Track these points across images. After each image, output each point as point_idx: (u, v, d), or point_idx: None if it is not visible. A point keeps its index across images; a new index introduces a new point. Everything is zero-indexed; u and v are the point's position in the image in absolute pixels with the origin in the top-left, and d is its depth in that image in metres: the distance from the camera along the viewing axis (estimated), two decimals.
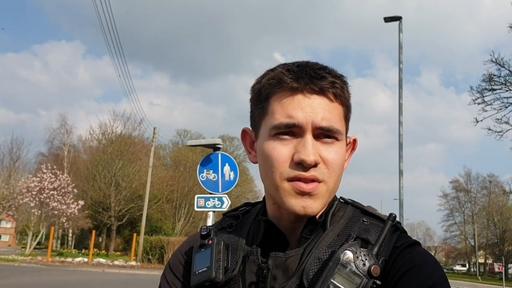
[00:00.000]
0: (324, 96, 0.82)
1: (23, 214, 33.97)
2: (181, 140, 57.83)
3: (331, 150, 0.82)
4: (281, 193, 0.81)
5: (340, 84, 0.84)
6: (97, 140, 45.49)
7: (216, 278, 0.81)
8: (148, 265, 28.46)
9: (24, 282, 16.65)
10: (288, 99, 0.81)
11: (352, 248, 0.74)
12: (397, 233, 0.81)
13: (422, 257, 0.77)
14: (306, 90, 0.81)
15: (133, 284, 19.11)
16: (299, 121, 0.79)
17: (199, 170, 7.94)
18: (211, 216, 7.73)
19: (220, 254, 0.83)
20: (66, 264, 27.10)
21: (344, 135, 0.86)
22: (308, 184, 0.80)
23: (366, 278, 0.71)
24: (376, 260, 0.73)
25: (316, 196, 0.81)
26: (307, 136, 0.80)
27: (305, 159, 0.78)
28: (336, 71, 0.87)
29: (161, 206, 42.94)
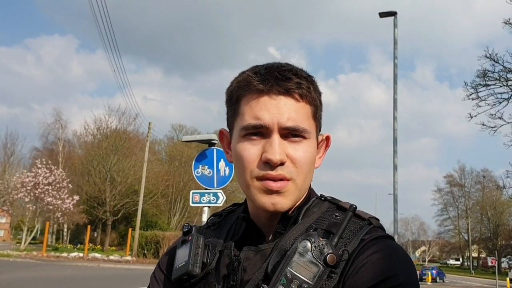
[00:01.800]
0: (290, 97, 0.85)
1: (18, 209, 33.87)
2: (176, 135, 57.73)
3: (298, 149, 0.85)
4: (252, 191, 0.85)
5: (306, 85, 0.87)
6: (92, 135, 45.40)
7: (193, 271, 0.85)
8: (144, 260, 28.51)
9: (19, 277, 16.63)
10: (255, 101, 0.85)
11: (310, 238, 0.75)
12: (369, 227, 0.81)
13: (386, 250, 0.77)
14: (272, 91, 0.84)
15: (128, 278, 19.14)
16: (265, 122, 0.83)
17: (194, 166, 7.94)
18: (206, 212, 7.74)
19: (199, 249, 0.88)
20: (62, 259, 27.08)
21: (314, 133, 0.88)
22: (276, 183, 0.83)
23: (322, 267, 0.72)
24: (333, 250, 0.74)
25: (284, 194, 0.84)
26: (274, 136, 0.83)
27: (271, 159, 0.82)
28: (304, 72, 0.89)
29: (156, 201, 42.93)
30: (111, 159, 40.10)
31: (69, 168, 40.25)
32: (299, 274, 0.72)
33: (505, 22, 18.25)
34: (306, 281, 0.72)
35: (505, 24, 18.28)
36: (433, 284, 37.42)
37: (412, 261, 0.79)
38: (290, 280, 0.72)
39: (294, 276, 0.72)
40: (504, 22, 18.26)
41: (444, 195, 75.10)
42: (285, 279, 0.73)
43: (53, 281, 16.37)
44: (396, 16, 16.22)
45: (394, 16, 16.24)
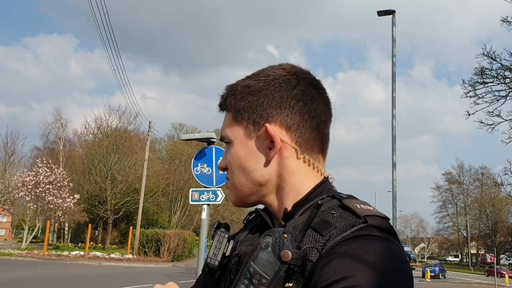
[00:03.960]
0: (222, 110, 0.98)
1: (19, 208, 33.94)
2: (176, 134, 57.78)
3: (228, 152, 0.95)
4: None
5: (225, 95, 0.96)
6: (92, 134, 45.46)
7: (210, 264, 0.90)
8: (145, 258, 28.61)
9: (21, 276, 16.70)
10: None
11: (273, 233, 0.75)
12: (360, 226, 0.76)
13: (356, 249, 0.72)
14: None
15: (129, 276, 19.22)
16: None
17: (194, 164, 7.97)
18: (206, 210, 7.79)
19: (221, 243, 0.91)
20: (63, 257, 27.19)
21: (239, 135, 0.93)
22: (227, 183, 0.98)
23: (278, 262, 0.72)
24: (291, 246, 0.73)
25: (230, 191, 0.97)
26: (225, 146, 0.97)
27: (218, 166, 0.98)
28: (234, 83, 0.97)
29: (157, 199, 43.00)
30: (112, 158, 40.15)
31: (69, 167, 40.29)
32: (260, 269, 0.74)
33: (503, 20, 18.32)
34: (264, 276, 0.73)
35: (502, 22, 18.36)
36: (433, 280, 37.59)
37: (391, 265, 0.72)
38: (252, 274, 0.74)
39: (256, 271, 0.74)
40: (502, 20, 18.32)
41: (443, 193, 75.21)
42: (248, 274, 0.75)
43: (55, 280, 16.45)
44: (394, 14, 16.29)
45: (393, 14, 16.30)
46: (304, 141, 0.89)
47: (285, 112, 0.89)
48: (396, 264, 0.72)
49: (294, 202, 0.87)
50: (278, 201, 0.90)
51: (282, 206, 0.89)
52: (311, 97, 0.91)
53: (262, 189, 0.91)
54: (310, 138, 0.90)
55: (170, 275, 18.40)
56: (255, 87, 0.91)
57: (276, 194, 0.91)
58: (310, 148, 0.90)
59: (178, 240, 30.00)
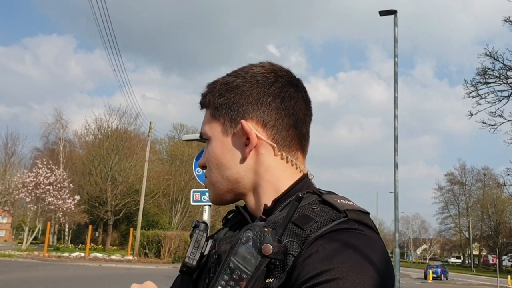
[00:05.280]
0: (202, 108, 0.98)
1: (19, 209, 33.97)
2: (177, 134, 57.75)
3: (206, 150, 0.96)
4: None
5: (204, 92, 0.97)
6: (93, 134, 45.43)
7: (187, 263, 0.89)
8: (145, 259, 28.58)
9: (21, 277, 16.68)
10: None
11: (253, 228, 0.75)
12: (341, 220, 0.76)
13: (335, 243, 0.72)
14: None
15: (130, 278, 19.17)
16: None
17: (195, 165, 7.99)
18: (207, 210, 7.77)
19: (199, 242, 0.90)
20: (63, 259, 27.15)
21: (217, 131, 0.93)
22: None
23: (259, 256, 0.72)
24: (273, 240, 0.72)
25: (208, 188, 0.97)
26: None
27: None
28: (214, 81, 0.97)
29: (158, 201, 42.98)
30: (112, 159, 40.14)
31: (70, 168, 40.29)
32: (240, 264, 0.73)
33: (505, 20, 18.26)
34: (245, 271, 0.72)
35: (505, 22, 18.30)
36: (435, 282, 37.49)
37: (372, 258, 0.72)
38: (233, 270, 0.73)
39: (236, 266, 0.73)
40: (504, 20, 18.27)
41: (445, 193, 75.14)
42: (228, 269, 0.73)
43: (55, 281, 16.42)
44: (396, 14, 16.27)
45: (394, 14, 16.28)
46: (281, 138, 0.89)
47: (261, 108, 0.89)
48: (376, 257, 0.73)
49: (272, 198, 0.86)
50: (255, 198, 0.90)
51: (260, 203, 0.88)
52: (288, 94, 0.91)
53: (238, 186, 0.91)
54: (287, 135, 0.90)
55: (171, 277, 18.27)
56: (233, 84, 0.92)
57: (253, 191, 0.91)
58: (288, 145, 0.90)
59: (179, 241, 29.96)
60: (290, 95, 0.91)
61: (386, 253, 0.76)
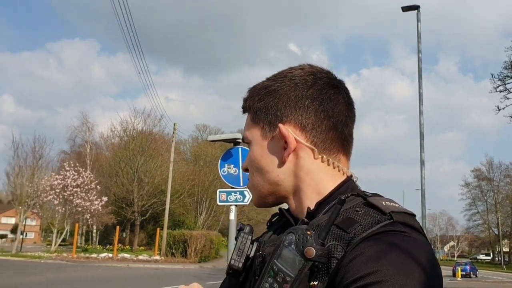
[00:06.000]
0: (244, 112, 0.99)
1: (48, 211, 34.55)
2: (200, 135, 58.15)
3: (248, 154, 0.97)
4: None
5: (245, 97, 0.98)
6: (118, 137, 46.13)
7: (233, 266, 0.88)
8: (172, 259, 28.79)
9: (51, 279, 17.01)
10: None
11: (296, 230, 0.75)
12: (386, 222, 0.75)
13: (380, 245, 0.71)
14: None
15: (158, 278, 19.37)
16: None
17: (220, 165, 7.98)
18: (234, 210, 7.77)
19: (244, 245, 0.90)
20: (91, 260, 27.60)
21: (257, 136, 0.94)
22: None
23: (302, 259, 0.71)
24: (315, 243, 0.72)
25: (250, 191, 0.98)
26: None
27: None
28: (255, 85, 0.98)
29: (183, 201, 43.34)
30: (138, 160, 40.63)
31: (97, 170, 40.88)
32: (283, 266, 0.73)
33: None
34: (288, 274, 0.72)
35: None
36: (464, 279, 36.81)
37: (418, 261, 0.71)
38: (276, 272, 0.73)
39: (279, 269, 0.73)
40: None
41: (472, 190, 73.78)
42: (272, 272, 0.74)
43: (84, 282, 16.68)
44: (419, 9, 16.04)
45: (417, 10, 16.05)
46: (321, 141, 0.89)
47: (299, 112, 0.89)
48: (423, 259, 0.71)
49: (315, 201, 0.86)
50: (298, 201, 0.90)
51: (302, 206, 0.88)
52: (328, 96, 0.90)
53: (279, 189, 0.91)
54: (327, 137, 0.89)
55: (198, 276, 18.44)
56: (271, 88, 0.93)
57: (295, 194, 0.91)
58: (328, 148, 0.89)
59: (205, 241, 30.11)
60: (329, 97, 0.90)
61: (433, 256, 0.74)
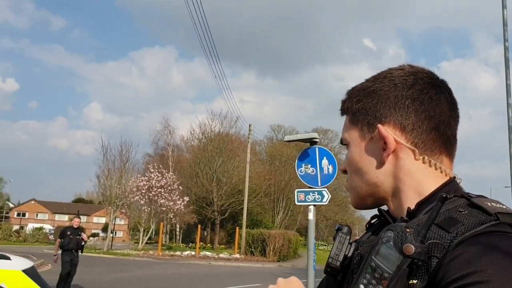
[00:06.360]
0: (342, 114, 1.00)
1: (135, 211, 36.37)
2: (275, 135, 58.48)
3: (346, 156, 0.98)
4: None
5: (344, 99, 0.98)
6: (197, 139, 47.60)
7: (331, 264, 0.91)
8: (252, 258, 29.17)
9: (139, 275, 17.89)
10: None
11: (394, 227, 0.74)
12: (491, 223, 0.72)
13: (484, 244, 0.69)
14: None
15: (238, 276, 19.71)
16: None
17: (297, 165, 7.97)
18: (312, 210, 7.75)
19: (342, 244, 0.92)
20: (176, 257, 28.68)
21: (355, 137, 0.94)
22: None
23: (400, 256, 0.70)
24: (414, 240, 0.71)
25: (349, 192, 0.99)
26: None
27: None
28: (351, 88, 0.99)
29: (260, 200, 43.79)
30: (216, 161, 41.65)
31: (178, 171, 42.45)
32: (381, 263, 0.72)
33: None
34: (386, 270, 0.71)
35: None
36: None
37: None
38: (374, 269, 0.73)
39: (377, 265, 0.73)
40: None
41: None
42: (370, 268, 0.74)
43: (170, 279, 17.33)
44: None
45: None
46: (422, 142, 0.87)
47: (399, 112, 0.88)
48: None
49: (415, 202, 0.85)
50: (397, 203, 0.89)
51: (402, 208, 0.87)
52: (429, 96, 0.88)
53: (378, 191, 0.90)
54: (428, 138, 0.87)
55: (278, 275, 18.26)
56: (370, 89, 0.92)
57: (394, 195, 0.89)
58: (429, 149, 0.87)
59: (283, 240, 30.23)
60: (430, 97, 0.88)
61: None
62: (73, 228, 11.25)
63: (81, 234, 11.25)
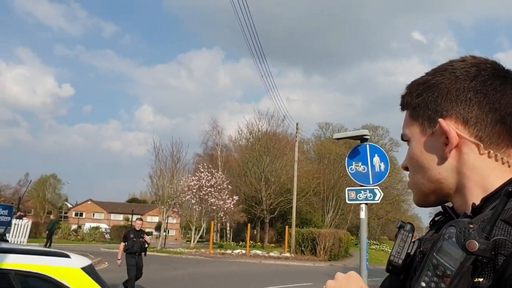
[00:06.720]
0: (403, 110, 0.97)
1: (186, 210, 37.10)
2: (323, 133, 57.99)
3: (407, 152, 0.95)
4: None
5: (403, 94, 0.96)
6: (245, 139, 48.00)
7: (393, 262, 0.87)
8: (302, 257, 29.09)
9: (192, 273, 18.24)
10: None
11: (456, 223, 0.72)
12: None
13: None
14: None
15: (289, 274, 19.72)
16: None
17: (348, 163, 7.87)
18: (364, 209, 7.63)
19: (404, 242, 0.88)
20: (226, 256, 29.05)
21: (416, 132, 0.92)
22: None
23: (463, 253, 0.68)
24: (478, 236, 0.68)
25: (411, 190, 0.96)
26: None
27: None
28: (411, 82, 0.96)
29: (309, 199, 43.58)
30: (264, 160, 41.83)
31: (227, 171, 42.89)
32: (443, 260, 0.70)
33: None
34: (449, 267, 0.69)
35: None
36: None
37: None
38: (436, 265, 0.71)
39: (439, 262, 0.71)
40: None
41: None
42: (431, 266, 0.72)
43: (221, 277, 17.55)
44: None
45: None
46: (486, 135, 0.83)
47: (461, 105, 0.84)
48: None
49: (480, 198, 0.81)
50: (461, 199, 0.86)
51: (466, 204, 0.83)
52: (493, 88, 0.84)
53: (441, 187, 0.88)
54: (494, 131, 0.83)
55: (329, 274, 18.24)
56: (430, 82, 0.90)
57: (458, 192, 0.86)
58: (495, 143, 0.83)
59: (333, 239, 29.95)
60: (495, 88, 0.84)
61: None
62: (135, 230, 11.19)
63: (144, 236, 11.19)
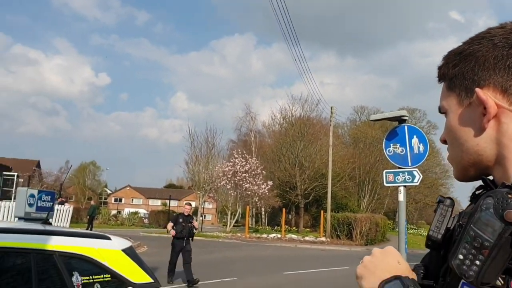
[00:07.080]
0: (440, 82, 0.94)
1: (222, 195, 37.57)
2: (358, 117, 57.27)
3: (445, 124, 0.92)
4: None
5: (440, 65, 0.92)
6: (279, 124, 47.96)
7: (432, 237, 0.85)
8: (338, 241, 29.06)
9: (228, 256, 18.49)
10: None
11: (494, 193, 0.70)
12: None
13: None
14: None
15: (325, 258, 19.76)
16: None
17: (385, 145, 7.75)
18: (402, 192, 7.50)
19: (444, 217, 0.86)
20: (262, 240, 29.30)
21: (453, 104, 0.89)
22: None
23: (501, 223, 0.66)
24: None
25: (451, 164, 0.93)
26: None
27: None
28: (447, 52, 0.92)
29: (344, 184, 43.29)
30: (298, 146, 41.72)
31: (261, 156, 43.14)
32: (481, 231, 0.69)
33: None
34: (487, 239, 0.68)
35: None
36: None
37: None
38: (473, 237, 0.70)
39: (476, 234, 0.69)
40: None
41: None
42: (469, 237, 0.71)
43: (257, 260, 17.76)
44: None
45: None
46: None
47: (500, 73, 0.81)
48: None
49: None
50: (502, 171, 0.82)
51: (507, 175, 0.80)
52: None
53: (481, 159, 0.84)
54: None
55: None
56: (467, 51, 0.86)
57: (498, 163, 0.83)
58: None
59: (370, 224, 29.71)
60: None
61: None
62: (184, 215, 11.17)
63: (192, 221, 11.18)
